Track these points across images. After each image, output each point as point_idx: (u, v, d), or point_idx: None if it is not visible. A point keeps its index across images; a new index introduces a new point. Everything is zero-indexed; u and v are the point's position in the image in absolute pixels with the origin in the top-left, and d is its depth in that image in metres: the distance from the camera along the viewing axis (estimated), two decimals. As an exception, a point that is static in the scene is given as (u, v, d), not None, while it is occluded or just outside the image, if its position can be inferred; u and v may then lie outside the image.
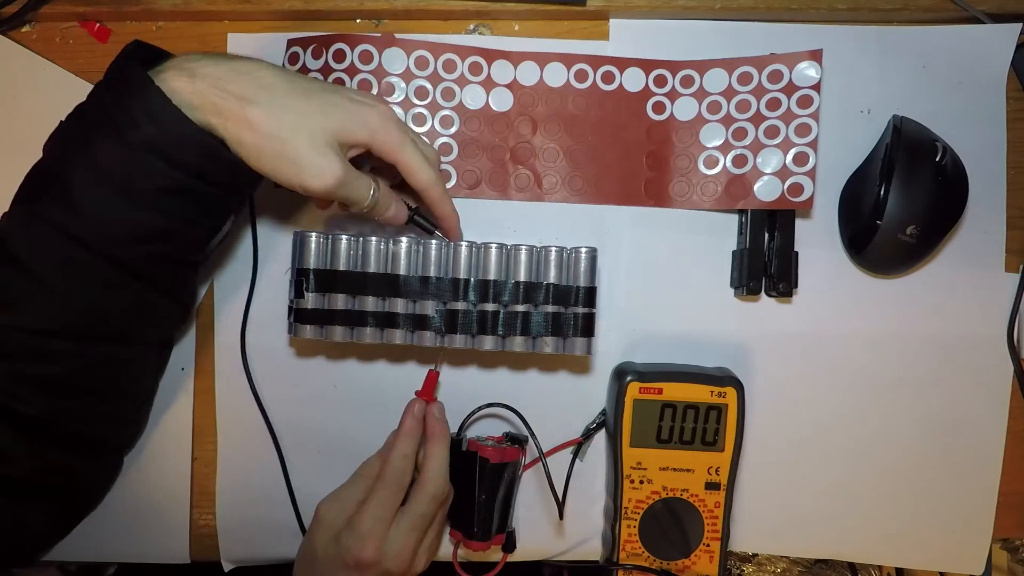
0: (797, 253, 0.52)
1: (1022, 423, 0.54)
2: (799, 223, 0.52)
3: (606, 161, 0.53)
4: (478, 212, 0.53)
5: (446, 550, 0.53)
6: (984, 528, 0.54)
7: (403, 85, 0.51)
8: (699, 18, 0.53)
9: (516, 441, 0.51)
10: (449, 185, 0.52)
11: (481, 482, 0.49)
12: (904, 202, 0.49)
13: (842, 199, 0.54)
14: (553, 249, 0.47)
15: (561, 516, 0.50)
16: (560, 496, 0.49)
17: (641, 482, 0.50)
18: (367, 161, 0.47)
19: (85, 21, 0.53)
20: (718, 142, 0.52)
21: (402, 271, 0.48)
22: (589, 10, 0.52)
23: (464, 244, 0.48)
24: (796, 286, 0.52)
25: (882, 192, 0.49)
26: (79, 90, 0.53)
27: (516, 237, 0.53)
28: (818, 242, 0.53)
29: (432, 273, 0.47)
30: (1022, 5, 0.52)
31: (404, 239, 0.48)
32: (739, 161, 0.51)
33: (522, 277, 0.47)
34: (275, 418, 0.54)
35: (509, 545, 0.52)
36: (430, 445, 0.48)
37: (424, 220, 0.49)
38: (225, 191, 0.42)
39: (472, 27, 0.54)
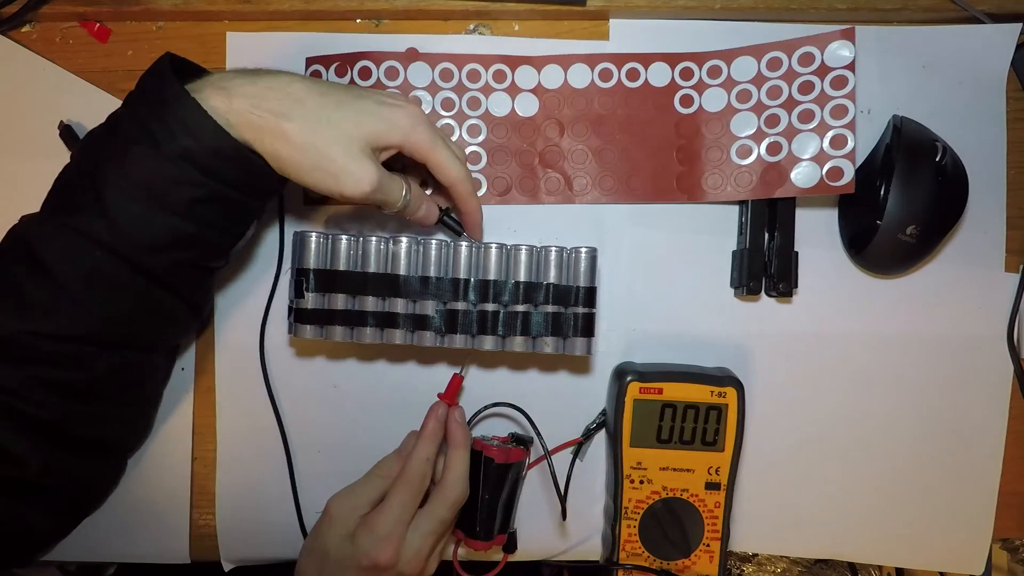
0: (797, 253, 0.52)
1: (1022, 423, 0.54)
2: (799, 223, 0.52)
3: (636, 159, 0.53)
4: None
5: (451, 548, 0.53)
6: (984, 528, 0.54)
7: (429, 98, 0.52)
8: (699, 18, 0.53)
9: (521, 442, 0.51)
10: (480, 193, 0.52)
11: (485, 482, 0.49)
12: (904, 202, 0.49)
13: (842, 199, 0.53)
14: (553, 249, 0.48)
15: (564, 517, 0.49)
16: (562, 496, 0.49)
17: (641, 482, 0.50)
18: (398, 161, 0.47)
19: (85, 21, 0.53)
20: (750, 131, 0.51)
21: (402, 271, 0.48)
22: (589, 10, 0.52)
23: (464, 244, 0.48)
24: (796, 286, 0.52)
25: (882, 192, 0.49)
26: (79, 90, 0.53)
27: (516, 237, 0.53)
28: (818, 242, 0.53)
29: (432, 273, 0.47)
30: (1022, 5, 0.52)
31: (404, 239, 0.48)
32: (773, 149, 0.50)
33: (522, 277, 0.47)
34: (275, 418, 0.54)
35: (510, 546, 0.52)
36: (452, 450, 0.48)
37: (453, 221, 0.49)
38: (255, 198, 0.44)
39: (472, 27, 0.54)
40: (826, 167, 0.49)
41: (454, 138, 0.52)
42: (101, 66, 0.54)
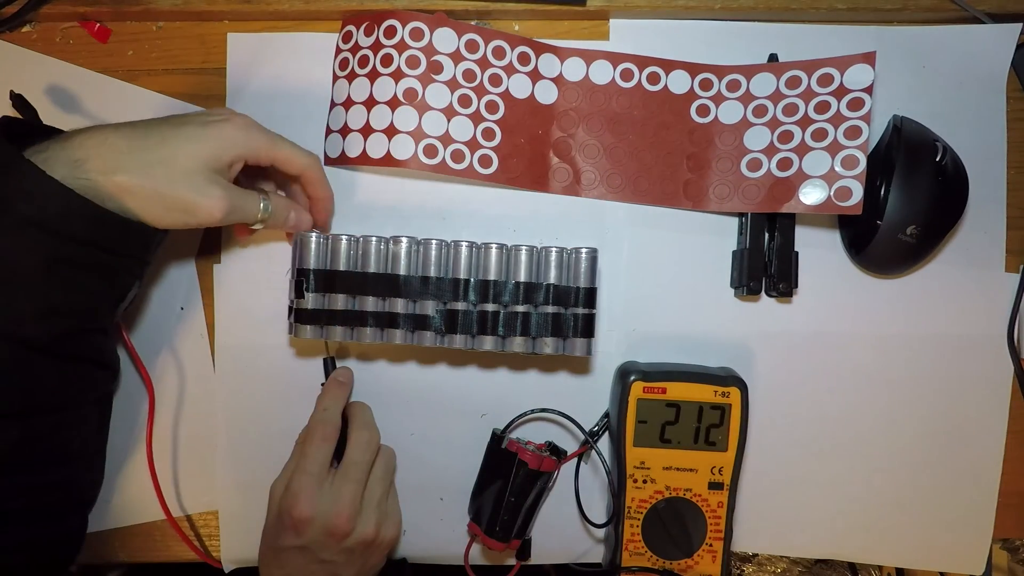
0: (797, 253, 0.52)
1: (1022, 423, 0.54)
2: (799, 223, 0.52)
3: (646, 161, 0.53)
4: (479, 212, 0.53)
5: (457, 548, 0.53)
6: (984, 528, 0.54)
7: (452, 65, 0.51)
8: (699, 18, 0.53)
9: (556, 453, 0.52)
10: (489, 171, 0.51)
11: (514, 483, 0.49)
12: (904, 202, 0.49)
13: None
14: (553, 249, 0.47)
15: (603, 524, 0.50)
16: (578, 502, 0.51)
17: (644, 482, 0.50)
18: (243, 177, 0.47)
19: (85, 21, 0.53)
20: (763, 145, 0.51)
21: (402, 271, 0.48)
22: (589, 10, 0.52)
23: (464, 244, 0.48)
24: (796, 286, 0.52)
25: (882, 192, 0.49)
26: (84, 85, 0.53)
27: (516, 237, 0.53)
28: (818, 242, 0.54)
29: (432, 273, 0.47)
30: (1022, 5, 0.52)
31: (404, 239, 0.48)
32: (784, 164, 0.50)
33: (522, 277, 0.47)
34: (275, 418, 0.54)
35: (524, 553, 0.52)
36: (351, 401, 0.51)
37: None
38: (122, 255, 0.41)
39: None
40: (835, 186, 0.49)
41: (471, 110, 0.51)
42: (101, 66, 0.54)
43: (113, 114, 0.53)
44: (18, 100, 0.49)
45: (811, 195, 0.49)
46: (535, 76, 0.52)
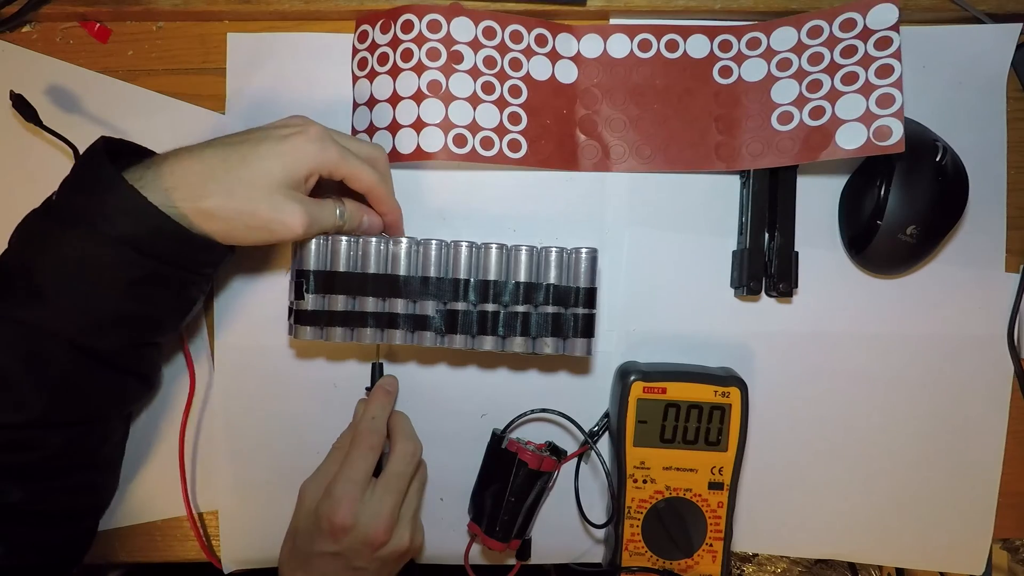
0: (797, 253, 0.52)
1: (1022, 423, 0.54)
2: (799, 223, 0.52)
3: (674, 128, 0.53)
4: (479, 212, 0.53)
5: (457, 548, 0.53)
6: (984, 528, 0.54)
7: (472, 53, 0.51)
8: (699, 18, 0.53)
9: (556, 453, 0.52)
10: (518, 155, 0.51)
11: (514, 484, 0.49)
12: (904, 202, 0.49)
13: (842, 199, 0.54)
14: (553, 249, 0.47)
15: (603, 525, 0.50)
16: (578, 502, 0.51)
17: (644, 482, 0.50)
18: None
19: (85, 21, 0.53)
20: (792, 97, 0.50)
21: (402, 271, 0.47)
22: (589, 10, 0.52)
23: (464, 244, 0.48)
24: (796, 286, 0.52)
25: (882, 192, 0.49)
26: (84, 85, 0.53)
27: (516, 237, 0.53)
28: (818, 242, 0.54)
29: (432, 273, 0.47)
30: (1022, 5, 0.52)
31: (404, 239, 0.48)
32: (816, 113, 0.49)
33: (522, 277, 0.47)
34: (275, 418, 0.54)
35: (524, 553, 0.52)
36: (393, 411, 0.52)
37: None
38: (199, 272, 0.44)
39: (472, 27, 0.54)
40: (873, 126, 0.47)
41: (495, 96, 0.51)
42: (101, 66, 0.54)
43: (113, 114, 0.53)
44: (18, 100, 0.49)
45: (849, 138, 0.48)
46: (554, 56, 0.52)
